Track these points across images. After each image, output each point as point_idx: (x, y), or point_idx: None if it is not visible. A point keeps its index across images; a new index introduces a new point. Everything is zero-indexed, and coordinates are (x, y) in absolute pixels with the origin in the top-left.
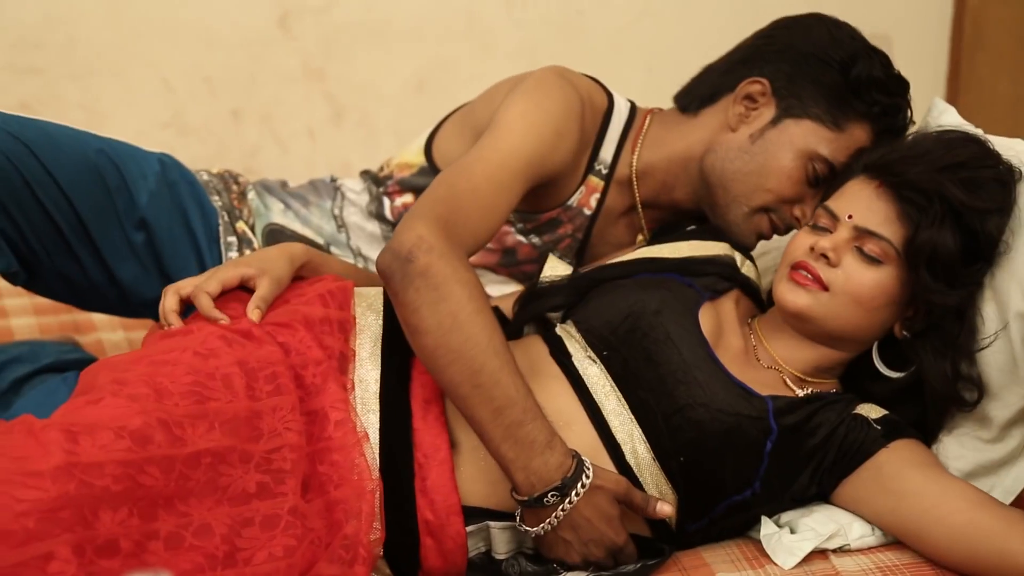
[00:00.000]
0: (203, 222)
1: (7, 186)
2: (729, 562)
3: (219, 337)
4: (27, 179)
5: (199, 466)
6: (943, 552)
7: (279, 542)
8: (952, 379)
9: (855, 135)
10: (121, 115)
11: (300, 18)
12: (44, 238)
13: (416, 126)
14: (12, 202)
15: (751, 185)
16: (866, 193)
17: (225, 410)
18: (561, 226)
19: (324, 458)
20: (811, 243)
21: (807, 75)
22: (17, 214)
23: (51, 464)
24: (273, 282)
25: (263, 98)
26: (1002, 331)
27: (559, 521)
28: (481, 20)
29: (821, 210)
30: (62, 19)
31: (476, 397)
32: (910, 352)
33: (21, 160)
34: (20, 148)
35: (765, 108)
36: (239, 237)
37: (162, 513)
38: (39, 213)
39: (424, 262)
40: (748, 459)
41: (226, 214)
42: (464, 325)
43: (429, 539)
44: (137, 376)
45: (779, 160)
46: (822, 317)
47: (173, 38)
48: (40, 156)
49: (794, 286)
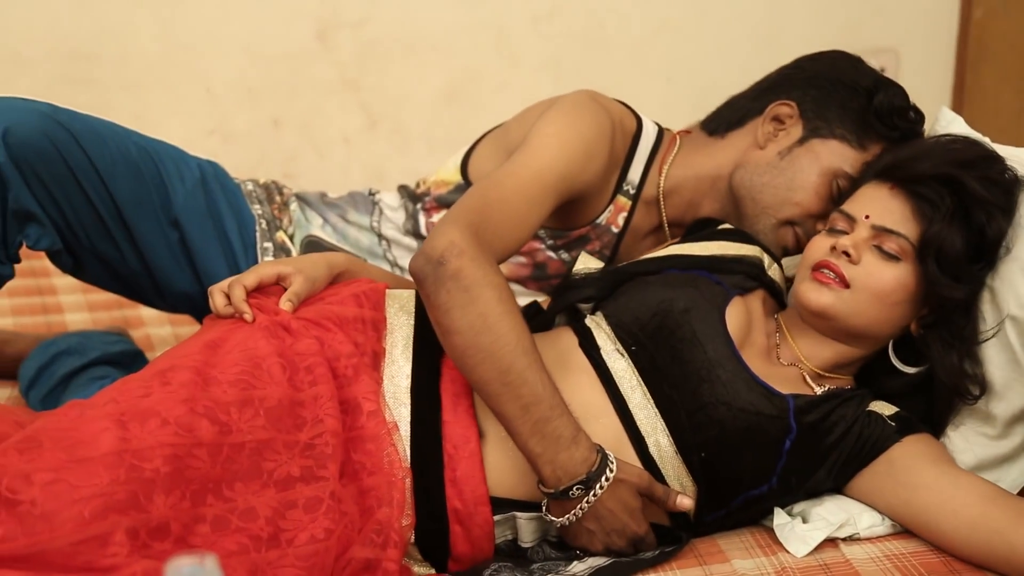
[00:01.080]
0: (239, 228)
1: (51, 169)
2: (743, 549)
3: (262, 330)
4: (70, 164)
5: (244, 450)
6: (955, 544)
7: (320, 524)
8: (959, 370)
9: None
10: (169, 123)
11: (337, 32)
12: (84, 221)
13: (446, 134)
14: (55, 185)
15: (780, 198)
16: (881, 194)
17: (269, 397)
18: (589, 243)
19: (358, 447)
20: (831, 244)
21: (834, 99)
22: (60, 196)
23: (102, 451)
24: (307, 281)
25: (302, 107)
26: (1000, 331)
27: (583, 512)
28: (509, 34)
29: (837, 214)
30: (114, 33)
31: (505, 394)
32: (921, 344)
33: (66, 147)
34: (66, 135)
35: (793, 128)
36: (276, 245)
37: (210, 497)
38: (80, 197)
39: (456, 265)
40: (767, 456)
41: (265, 222)
42: (493, 326)
43: (458, 527)
44: (186, 367)
45: (807, 175)
46: (845, 314)
47: (218, 51)
48: (84, 144)
49: (817, 285)
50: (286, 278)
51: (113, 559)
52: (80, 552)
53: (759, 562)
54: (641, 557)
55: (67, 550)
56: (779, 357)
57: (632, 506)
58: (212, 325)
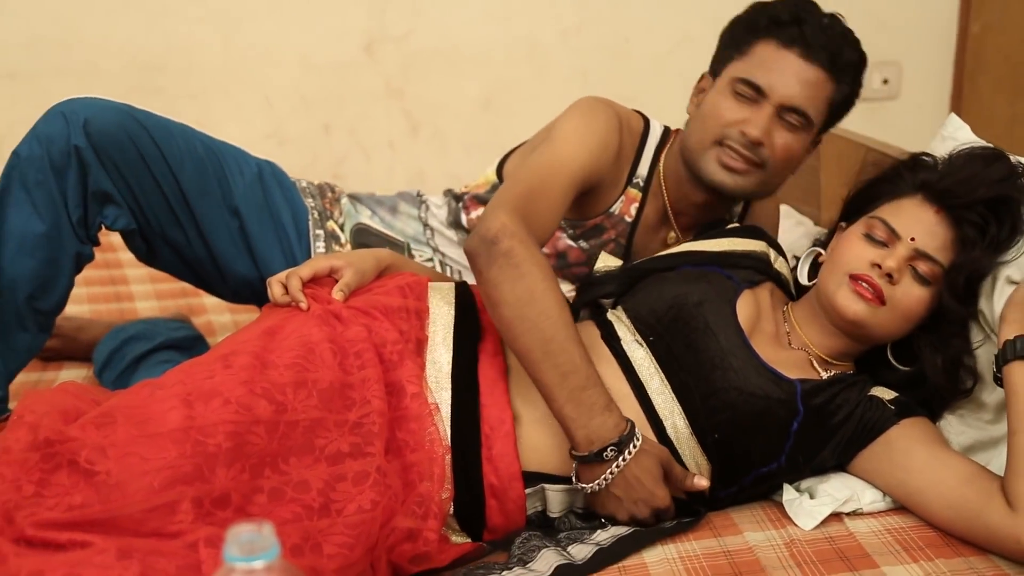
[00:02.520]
0: (293, 219)
1: (125, 157)
2: (755, 523)
3: (316, 318)
4: (143, 154)
5: (298, 428)
6: (942, 523)
7: (367, 496)
8: (943, 372)
9: (760, 51)
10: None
11: (383, 45)
12: (155, 206)
13: (482, 139)
14: (129, 172)
15: (699, 130)
16: (927, 218)
17: (322, 380)
18: (605, 232)
19: (402, 426)
20: (871, 258)
21: (724, 42)
22: (133, 183)
23: (170, 427)
24: (357, 273)
25: (350, 114)
26: (988, 333)
27: (612, 478)
28: (540, 46)
29: (879, 223)
30: (182, 47)
31: (546, 362)
32: (914, 346)
33: (139, 139)
34: (139, 129)
35: (706, 88)
36: (327, 233)
37: (267, 470)
38: (151, 184)
39: (507, 245)
40: (776, 436)
41: (317, 213)
42: (539, 300)
43: (493, 500)
44: (247, 352)
45: (712, 103)
46: (873, 326)
47: (275, 63)
48: (155, 138)
49: (855, 297)
50: (338, 270)
51: (179, 525)
52: (150, 518)
53: (769, 535)
54: (661, 527)
55: (138, 516)
56: (790, 342)
57: (656, 475)
58: (270, 313)
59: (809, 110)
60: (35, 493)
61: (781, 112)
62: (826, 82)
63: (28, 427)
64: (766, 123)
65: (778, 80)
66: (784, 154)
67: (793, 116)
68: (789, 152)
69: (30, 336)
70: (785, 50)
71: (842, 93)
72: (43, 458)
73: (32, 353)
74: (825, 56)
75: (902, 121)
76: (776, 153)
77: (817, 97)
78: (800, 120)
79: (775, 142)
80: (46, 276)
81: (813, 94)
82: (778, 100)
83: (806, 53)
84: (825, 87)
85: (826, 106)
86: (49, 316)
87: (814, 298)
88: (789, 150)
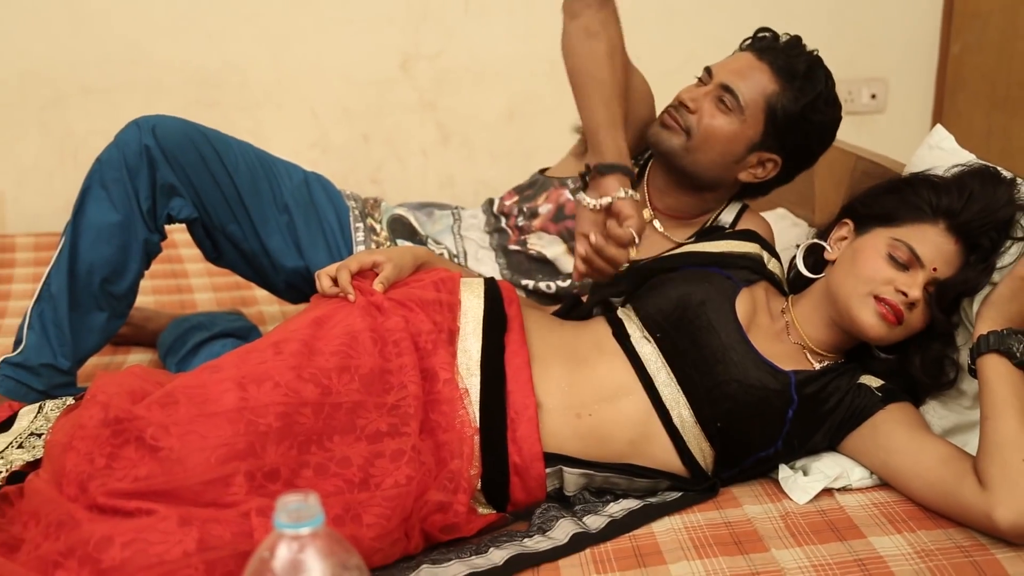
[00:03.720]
0: (336, 216)
1: (188, 158)
2: (753, 497)
3: (359, 309)
4: (202, 156)
5: (342, 409)
6: (920, 497)
7: (403, 472)
8: (921, 369)
9: (735, 55)
10: (279, 138)
11: (417, 63)
12: (214, 202)
13: (507, 148)
14: (192, 171)
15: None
16: (948, 248)
17: (363, 366)
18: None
19: (435, 408)
20: (896, 282)
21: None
22: (195, 180)
23: (226, 408)
24: (395, 268)
25: (387, 125)
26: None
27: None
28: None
29: (903, 247)
30: (236, 65)
31: (593, 87)
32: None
33: (199, 143)
34: (200, 136)
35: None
36: (366, 227)
37: (313, 447)
38: (211, 182)
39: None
40: (773, 424)
41: (357, 211)
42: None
43: (516, 478)
44: (296, 339)
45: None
46: (888, 341)
47: (320, 78)
48: (214, 144)
49: (879, 319)
50: (379, 265)
51: (234, 497)
52: (208, 490)
53: (766, 508)
54: (668, 500)
55: (197, 488)
56: (788, 334)
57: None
58: (319, 303)
59: (743, 94)
60: (106, 465)
61: (719, 91)
62: (770, 80)
63: (100, 405)
64: (700, 95)
65: (723, 67)
66: (708, 129)
67: (728, 97)
68: (713, 129)
69: (104, 317)
70: (747, 51)
71: (785, 100)
72: (113, 434)
73: (106, 336)
74: (774, 58)
75: (889, 133)
76: (701, 126)
77: (754, 88)
78: (732, 102)
79: (703, 115)
80: (119, 261)
81: (751, 84)
82: (720, 80)
83: (760, 54)
84: (764, 82)
85: (763, 101)
86: (121, 301)
87: (820, 296)
88: (713, 127)
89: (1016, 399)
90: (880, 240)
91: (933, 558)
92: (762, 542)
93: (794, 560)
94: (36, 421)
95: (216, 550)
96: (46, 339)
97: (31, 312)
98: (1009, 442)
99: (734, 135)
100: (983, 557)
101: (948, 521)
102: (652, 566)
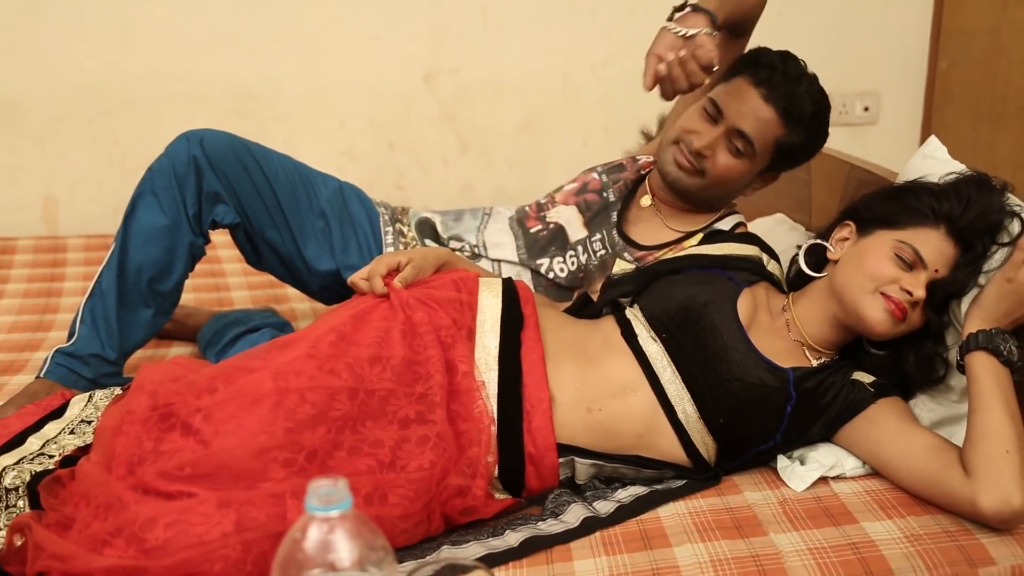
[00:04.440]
0: (368, 221)
1: (232, 169)
2: (753, 484)
3: (390, 306)
4: (245, 166)
5: (375, 397)
6: (909, 486)
7: (427, 456)
8: (914, 365)
9: (739, 85)
10: (310, 146)
11: (438, 77)
12: (256, 209)
13: (522, 157)
14: (235, 180)
15: (669, 130)
16: (948, 251)
17: (395, 357)
18: (624, 171)
19: (455, 399)
20: (902, 281)
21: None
22: (238, 188)
23: (265, 396)
24: (415, 268)
25: (411, 134)
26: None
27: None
28: (572, 78)
29: (908, 248)
30: (270, 78)
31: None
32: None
33: (243, 155)
34: (244, 149)
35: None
36: (395, 231)
37: (347, 431)
38: (252, 191)
39: None
40: (773, 419)
41: (387, 216)
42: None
43: (531, 466)
44: (333, 331)
45: (684, 112)
46: (890, 336)
47: (348, 91)
48: (255, 155)
49: (887, 314)
50: (402, 265)
51: (270, 481)
52: (245, 475)
53: (766, 494)
54: (673, 487)
55: (236, 472)
56: (788, 331)
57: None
58: (356, 301)
59: (755, 140)
60: (153, 448)
61: (732, 135)
62: (778, 124)
63: (148, 393)
64: (714, 139)
65: (730, 107)
66: (723, 171)
67: (741, 143)
68: (727, 171)
69: (150, 313)
70: (752, 87)
71: (792, 140)
72: (160, 418)
73: (152, 330)
74: (778, 99)
75: (881, 143)
76: (716, 168)
77: (765, 133)
78: (746, 147)
79: (717, 159)
80: (166, 262)
81: (762, 129)
82: (732, 124)
83: (769, 95)
84: (775, 127)
85: (773, 143)
86: (167, 299)
87: (822, 294)
88: (727, 169)
89: (1002, 393)
90: (885, 241)
91: (921, 542)
92: (761, 527)
93: (791, 544)
94: (86, 409)
95: (252, 531)
96: (96, 332)
97: (83, 307)
98: (993, 433)
99: (746, 172)
100: (968, 541)
101: (935, 507)
102: (658, 548)
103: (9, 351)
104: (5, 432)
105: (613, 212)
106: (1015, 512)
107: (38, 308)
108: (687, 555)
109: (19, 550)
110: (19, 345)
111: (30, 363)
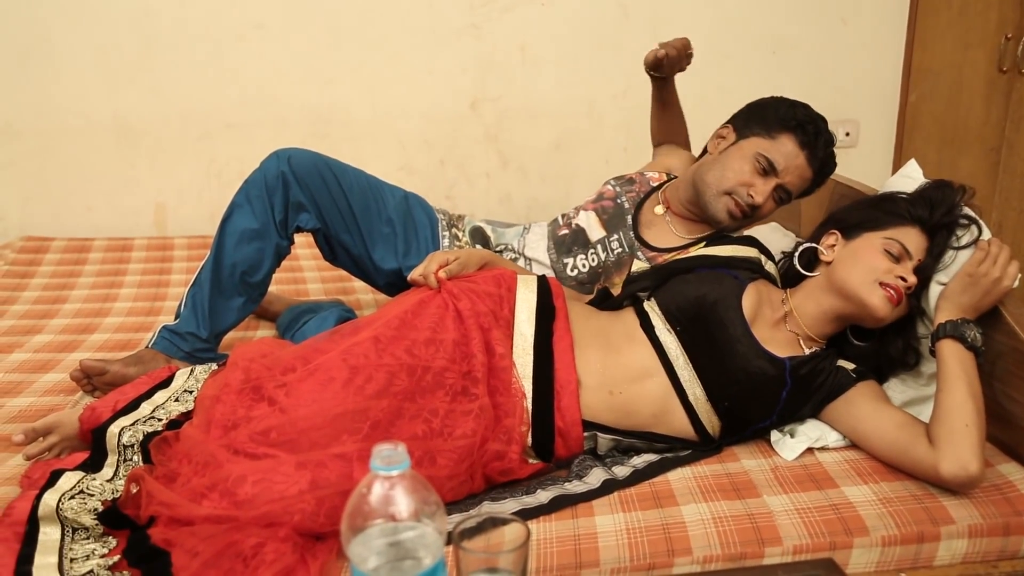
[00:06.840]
0: (429, 225)
1: (314, 182)
2: (749, 453)
3: (443, 296)
4: (325, 180)
5: (430, 373)
6: (882, 456)
7: (469, 425)
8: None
9: (784, 141)
10: (374, 162)
11: (483, 104)
12: (333, 217)
13: (554, 172)
14: (316, 192)
15: (717, 176)
16: (924, 245)
17: (447, 340)
18: (635, 185)
19: (494, 375)
20: (895, 270)
21: (755, 116)
22: (319, 199)
23: (337, 373)
24: (459, 264)
25: (459, 152)
26: (924, 322)
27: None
28: (596, 105)
29: (896, 244)
30: (341, 106)
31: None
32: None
33: (324, 171)
34: (324, 165)
35: (728, 138)
36: (451, 235)
37: (407, 403)
38: (330, 201)
39: None
40: (770, 403)
41: (445, 222)
42: None
43: (559, 439)
44: (396, 318)
45: (733, 159)
46: (888, 320)
47: (406, 117)
48: (334, 171)
49: (886, 300)
50: (450, 262)
51: (344, 444)
52: (320, 441)
53: (760, 462)
54: (681, 456)
55: (312, 438)
56: (786, 323)
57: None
58: (415, 292)
59: (794, 192)
60: (244, 416)
61: (779, 188)
62: (810, 180)
63: (241, 369)
64: (769, 194)
65: (786, 167)
66: (764, 215)
67: (784, 192)
68: (766, 214)
69: (241, 301)
70: (800, 149)
71: (812, 189)
72: (251, 391)
73: (242, 315)
74: (815, 154)
75: (860, 164)
76: (761, 214)
77: (800, 187)
78: (786, 196)
79: (764, 207)
80: (256, 260)
81: (800, 185)
82: (785, 182)
83: (811, 157)
84: (807, 182)
85: (801, 187)
86: (255, 289)
87: (818, 290)
88: (767, 213)
89: (965, 375)
90: (874, 240)
91: (892, 504)
92: (756, 489)
93: (781, 505)
94: (189, 381)
95: (324, 488)
96: (194, 314)
97: (186, 294)
98: (955, 409)
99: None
100: (932, 503)
101: (905, 474)
102: (667, 507)
103: (127, 331)
104: (123, 399)
105: (628, 216)
106: (971, 477)
107: (150, 296)
108: (692, 513)
109: (135, 496)
110: (135, 326)
111: (144, 341)
